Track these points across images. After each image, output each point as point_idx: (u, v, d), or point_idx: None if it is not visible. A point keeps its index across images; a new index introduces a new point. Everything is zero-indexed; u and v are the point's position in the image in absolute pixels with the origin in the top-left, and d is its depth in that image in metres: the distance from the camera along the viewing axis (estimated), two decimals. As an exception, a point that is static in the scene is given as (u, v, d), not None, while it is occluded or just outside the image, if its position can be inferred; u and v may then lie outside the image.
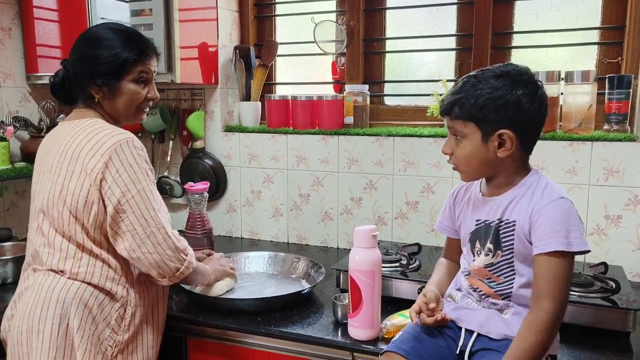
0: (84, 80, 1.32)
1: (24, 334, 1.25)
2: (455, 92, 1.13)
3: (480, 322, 1.18)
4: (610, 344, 1.30)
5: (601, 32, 1.87)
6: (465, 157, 1.15)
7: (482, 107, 1.09)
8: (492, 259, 1.16)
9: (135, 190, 1.23)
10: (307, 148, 2.11)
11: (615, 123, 1.74)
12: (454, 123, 1.14)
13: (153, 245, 1.25)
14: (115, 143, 1.23)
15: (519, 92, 1.09)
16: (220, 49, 2.21)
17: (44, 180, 1.30)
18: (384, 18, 2.16)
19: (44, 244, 1.29)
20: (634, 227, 1.71)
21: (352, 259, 1.31)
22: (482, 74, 1.12)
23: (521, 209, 1.12)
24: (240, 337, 1.46)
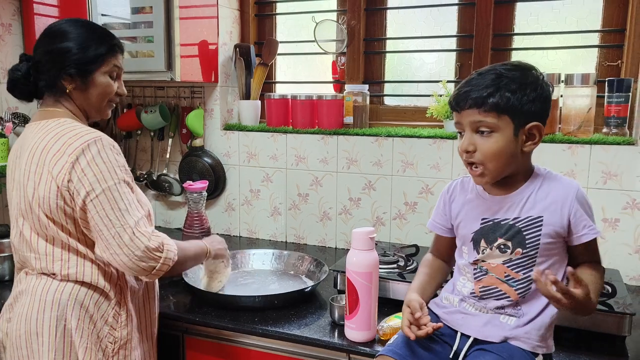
0: (56, 70, 1.27)
1: (23, 337, 1.25)
2: (486, 85, 1.08)
3: (479, 328, 1.17)
4: (606, 348, 1.30)
5: (601, 34, 1.87)
6: (496, 152, 1.09)
7: (520, 100, 1.07)
8: (511, 256, 1.15)
9: (100, 190, 1.19)
10: (306, 147, 2.11)
11: (614, 126, 1.74)
12: (485, 116, 1.08)
13: (119, 247, 1.19)
14: (82, 143, 1.20)
15: (542, 83, 1.11)
16: (221, 47, 2.20)
17: (17, 185, 1.27)
18: (384, 18, 2.16)
19: (29, 250, 1.27)
20: (631, 231, 1.71)
21: (349, 261, 1.31)
22: (504, 68, 1.11)
23: (545, 202, 1.13)
24: (237, 337, 1.46)
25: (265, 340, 1.43)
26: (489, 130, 1.09)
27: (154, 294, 1.43)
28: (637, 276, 1.72)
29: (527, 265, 1.15)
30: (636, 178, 1.68)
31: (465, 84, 1.12)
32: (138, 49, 1.98)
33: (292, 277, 1.77)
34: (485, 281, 1.19)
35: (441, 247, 1.32)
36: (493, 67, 1.13)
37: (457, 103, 1.12)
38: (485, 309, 1.18)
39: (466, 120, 1.11)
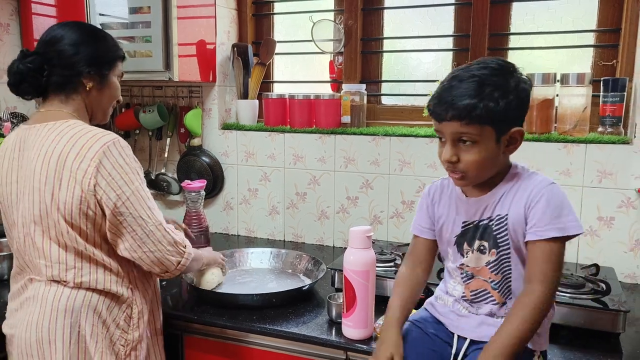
0: (79, 66, 1.27)
1: (34, 345, 1.23)
2: (468, 94, 1.04)
3: (473, 329, 1.18)
4: (601, 345, 1.32)
5: (597, 34, 1.89)
6: (479, 162, 1.08)
7: (503, 109, 1.04)
8: (489, 257, 1.15)
9: (130, 192, 1.22)
10: (304, 147, 2.12)
11: (610, 125, 1.76)
12: (468, 128, 1.05)
13: (153, 244, 1.25)
14: (102, 146, 1.20)
15: (522, 85, 1.08)
16: (218, 47, 2.21)
17: (25, 190, 1.24)
18: (381, 18, 2.17)
19: (38, 256, 1.25)
20: (626, 229, 1.73)
21: (346, 260, 1.33)
22: (484, 72, 1.06)
23: (513, 201, 1.11)
24: (236, 335, 1.47)
25: (263, 338, 1.44)
26: (472, 141, 1.07)
27: (159, 293, 1.44)
28: (631, 274, 1.74)
29: (503, 266, 1.14)
30: (631, 176, 1.70)
31: (445, 92, 1.08)
32: (136, 48, 1.99)
33: (290, 276, 1.78)
34: (473, 285, 1.19)
35: (422, 253, 1.27)
36: (472, 71, 1.07)
37: (437, 114, 1.08)
38: (477, 313, 1.18)
39: (447, 130, 1.08)
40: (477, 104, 1.03)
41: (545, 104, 1.81)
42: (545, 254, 1.07)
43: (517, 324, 1.05)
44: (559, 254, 1.08)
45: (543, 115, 1.81)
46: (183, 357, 1.55)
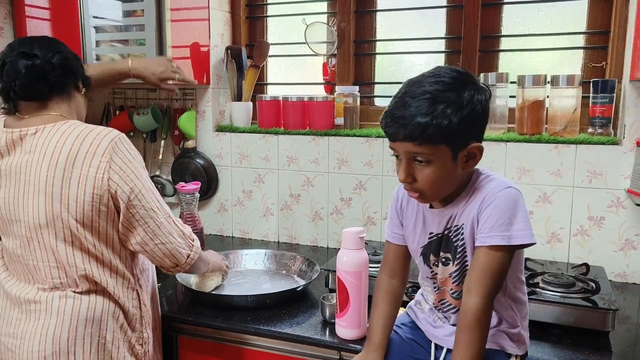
0: (76, 69, 1.33)
1: (50, 358, 1.21)
2: (420, 113, 0.99)
3: (447, 337, 1.18)
4: (590, 343, 1.33)
5: (586, 36, 1.91)
6: (434, 181, 1.04)
7: (457, 126, 0.99)
8: (452, 268, 1.14)
9: (141, 185, 1.24)
10: (298, 148, 2.13)
11: (599, 126, 1.78)
12: (421, 148, 1.01)
13: (165, 235, 1.27)
14: (110, 142, 1.22)
15: (478, 97, 1.03)
16: (212, 49, 2.22)
17: (29, 194, 1.22)
18: (374, 20, 2.19)
19: (47, 259, 1.24)
20: (616, 229, 1.75)
21: (339, 260, 1.34)
22: (437, 88, 1.00)
23: (469, 210, 1.09)
24: (231, 336, 1.49)
25: (258, 339, 1.46)
26: (426, 160, 1.03)
27: (156, 292, 1.47)
28: (621, 273, 1.76)
29: (463, 277, 1.12)
30: (620, 177, 1.72)
31: (396, 109, 1.02)
32: (130, 51, 2.00)
33: (284, 277, 1.80)
34: (440, 295, 1.19)
35: (396, 263, 1.25)
36: (424, 86, 1.01)
37: (390, 134, 1.04)
38: (450, 322, 1.18)
39: (401, 150, 1.04)
40: (429, 122, 0.99)
41: (536, 105, 1.83)
42: (486, 262, 1.04)
43: (466, 351, 1.04)
44: (502, 263, 1.04)
45: (534, 117, 1.83)
46: (177, 358, 1.56)
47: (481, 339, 1.04)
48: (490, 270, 1.04)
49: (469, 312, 1.04)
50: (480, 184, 1.10)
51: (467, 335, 1.04)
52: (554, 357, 1.28)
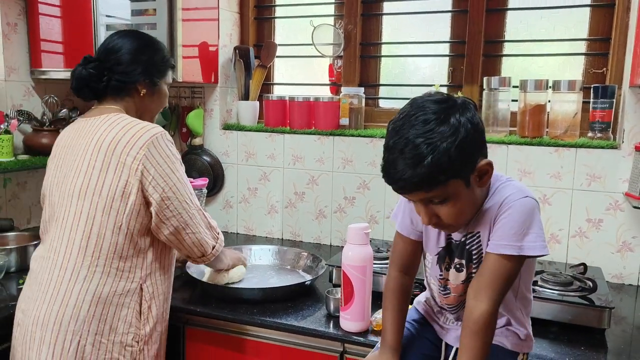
0: (134, 74, 1.40)
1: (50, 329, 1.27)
2: (421, 163, 0.95)
3: (455, 339, 1.20)
4: (587, 340, 1.38)
5: (588, 43, 1.95)
6: (457, 213, 1.03)
7: (458, 157, 0.96)
8: (466, 274, 1.14)
9: (176, 179, 1.33)
10: (303, 147, 2.17)
11: (599, 131, 1.82)
12: (431, 193, 0.99)
13: (195, 226, 1.37)
14: (151, 137, 1.31)
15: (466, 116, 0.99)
16: (221, 49, 2.27)
17: (71, 174, 1.33)
18: (380, 23, 2.23)
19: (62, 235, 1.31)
20: (613, 231, 1.79)
21: (345, 255, 1.38)
22: (428, 127, 0.96)
23: (486, 218, 1.08)
24: (237, 328, 1.52)
25: (263, 331, 1.50)
26: (442, 200, 1.02)
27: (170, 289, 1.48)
28: (618, 274, 1.80)
29: None
30: (619, 180, 1.76)
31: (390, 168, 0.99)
32: None
33: (290, 272, 1.84)
34: (450, 299, 1.19)
35: (410, 258, 1.22)
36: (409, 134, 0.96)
37: (396, 189, 1.01)
38: (459, 321, 1.20)
39: (415, 198, 1.03)
40: (431, 169, 0.95)
41: (538, 109, 1.87)
42: (496, 269, 1.04)
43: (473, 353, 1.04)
44: (511, 271, 1.05)
45: (535, 120, 1.88)
46: (184, 349, 1.60)
47: (488, 343, 1.06)
48: (500, 277, 1.04)
49: (478, 318, 1.04)
50: (497, 188, 1.09)
51: (475, 341, 1.04)
52: (552, 353, 1.32)
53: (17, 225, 2.12)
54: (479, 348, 1.04)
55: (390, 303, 1.21)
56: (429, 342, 1.25)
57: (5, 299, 1.55)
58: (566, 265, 1.81)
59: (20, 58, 2.16)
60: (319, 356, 1.44)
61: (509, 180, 1.11)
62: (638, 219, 1.76)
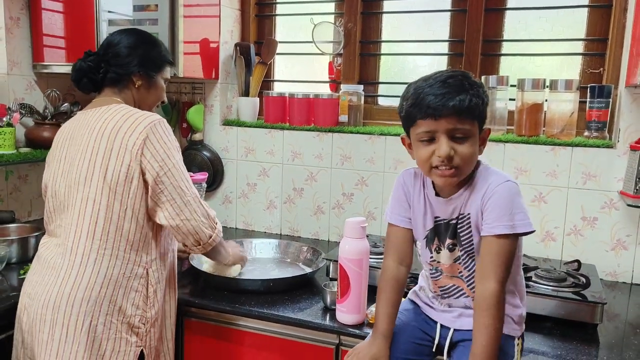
0: (131, 66, 1.45)
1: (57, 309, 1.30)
2: (459, 91, 1.08)
3: (454, 319, 1.24)
4: (579, 335, 1.40)
5: (585, 43, 1.97)
6: (470, 156, 1.11)
7: (483, 106, 1.11)
8: (459, 254, 1.20)
9: (172, 164, 1.36)
10: (302, 144, 2.19)
11: (595, 130, 1.84)
12: (463, 123, 1.09)
13: (190, 213, 1.37)
14: (150, 123, 1.35)
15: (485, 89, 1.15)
16: (222, 46, 2.28)
17: (75, 162, 1.36)
18: (380, 22, 2.25)
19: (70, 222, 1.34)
20: (608, 229, 1.81)
21: (342, 248, 1.40)
22: (459, 73, 1.12)
23: (473, 200, 1.16)
24: (235, 319, 1.54)
25: (261, 323, 1.52)
26: (465, 136, 1.10)
27: (175, 273, 1.52)
28: (612, 272, 1.82)
29: (468, 263, 1.20)
30: (614, 179, 1.78)
31: (434, 90, 1.09)
32: None
33: (290, 265, 1.87)
34: (441, 282, 1.24)
35: (404, 247, 1.27)
36: (449, 72, 1.11)
37: (435, 109, 1.08)
38: (453, 306, 1.25)
39: (442, 127, 1.09)
40: (470, 98, 1.08)
41: (535, 108, 1.89)
42: (496, 249, 1.11)
43: (487, 333, 1.09)
44: (509, 250, 1.12)
45: (532, 119, 1.90)
46: (183, 340, 1.62)
47: (501, 319, 1.11)
48: (500, 257, 1.11)
49: (488, 296, 1.10)
50: (481, 174, 1.17)
51: (488, 318, 1.09)
52: (545, 347, 1.34)
53: (19, 218, 2.14)
54: (493, 326, 1.09)
55: (385, 292, 1.25)
56: (420, 331, 1.28)
57: (6, 290, 1.57)
58: (561, 263, 1.83)
59: (23, 52, 2.17)
60: (315, 348, 1.46)
61: (489, 168, 1.19)
62: (632, 218, 1.78)
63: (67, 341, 1.29)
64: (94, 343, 1.30)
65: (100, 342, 1.31)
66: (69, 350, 1.29)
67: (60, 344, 1.29)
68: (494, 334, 1.10)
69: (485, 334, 1.10)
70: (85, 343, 1.29)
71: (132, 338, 1.36)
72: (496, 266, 1.11)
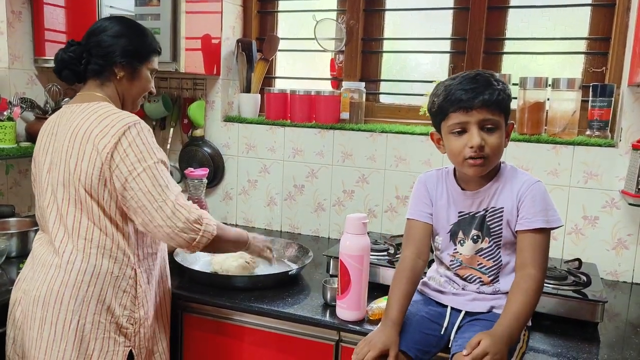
0: (113, 56, 1.39)
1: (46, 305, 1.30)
2: (490, 85, 1.18)
3: (467, 302, 1.28)
4: (580, 334, 1.39)
5: (588, 42, 1.97)
6: (499, 146, 1.20)
7: (508, 101, 1.22)
8: (481, 245, 1.26)
9: (142, 169, 1.28)
10: (304, 141, 2.19)
11: (597, 129, 1.84)
12: (493, 115, 1.18)
13: (162, 219, 1.29)
14: (124, 125, 1.29)
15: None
16: (224, 42, 2.28)
17: (56, 161, 1.34)
18: (382, 19, 2.25)
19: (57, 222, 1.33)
20: (609, 228, 1.81)
21: (342, 244, 1.40)
22: (490, 73, 1.22)
23: (506, 196, 1.24)
24: (234, 315, 1.54)
25: (260, 319, 1.51)
26: (494, 127, 1.19)
27: (167, 272, 1.51)
28: (613, 271, 1.82)
29: (494, 253, 1.26)
30: (615, 178, 1.78)
31: (465, 84, 1.18)
32: None
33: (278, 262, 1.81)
34: (460, 271, 1.30)
35: (423, 241, 1.32)
36: (477, 71, 1.22)
37: (467, 102, 1.17)
38: (467, 290, 1.29)
39: (474, 118, 1.18)
40: (500, 90, 1.18)
41: (537, 106, 1.89)
42: (535, 242, 1.20)
43: (522, 307, 1.15)
44: (546, 242, 1.22)
45: (534, 118, 1.89)
46: (182, 336, 1.62)
47: (532, 304, 1.17)
48: (538, 248, 1.20)
49: (529, 279, 1.17)
50: (509, 173, 1.27)
51: (522, 296, 1.16)
52: (545, 346, 1.33)
53: (18, 212, 2.13)
54: (525, 303, 1.15)
55: (399, 282, 1.28)
56: (429, 321, 1.29)
57: (5, 283, 1.57)
58: (562, 262, 1.82)
59: (24, 46, 2.17)
60: (315, 344, 1.46)
61: (516, 168, 1.29)
62: (634, 217, 1.77)
63: (55, 339, 1.29)
64: (82, 342, 1.29)
65: (88, 342, 1.30)
66: (57, 348, 1.28)
67: (48, 342, 1.29)
68: (526, 310, 1.15)
69: (514, 307, 1.15)
70: (73, 342, 1.29)
71: (120, 338, 1.34)
72: (537, 257, 1.19)
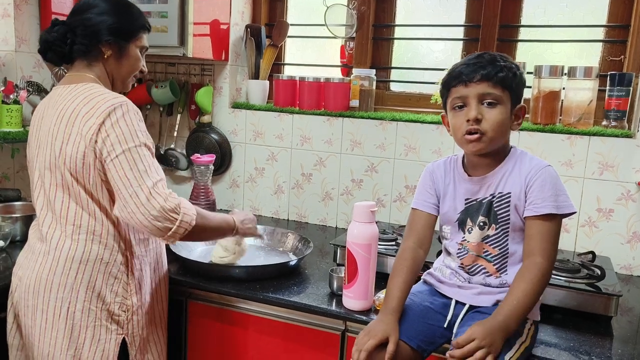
0: (98, 35, 1.33)
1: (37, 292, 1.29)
2: (491, 62, 1.17)
3: (472, 296, 1.24)
4: (592, 327, 1.36)
5: (606, 30, 1.91)
6: (498, 122, 1.17)
7: (518, 80, 1.19)
8: (488, 232, 1.23)
9: (120, 150, 1.23)
10: (312, 128, 2.15)
11: (614, 119, 1.79)
12: (494, 88, 1.16)
13: (136, 206, 1.21)
14: (109, 107, 1.25)
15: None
16: (232, 27, 2.24)
17: (43, 145, 1.31)
18: (394, 5, 2.20)
19: (46, 208, 1.32)
20: (624, 221, 1.76)
21: (350, 233, 1.37)
22: (500, 54, 1.21)
23: (514, 180, 1.20)
24: (239, 303, 1.52)
25: (266, 307, 1.49)
26: (495, 102, 1.16)
27: (163, 258, 1.48)
28: (627, 265, 1.77)
29: (501, 241, 1.23)
30: (632, 170, 1.73)
31: (470, 60, 1.19)
32: (152, 23, 1.95)
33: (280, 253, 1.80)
34: (466, 260, 1.26)
35: (424, 231, 1.31)
36: (487, 52, 1.21)
37: (466, 75, 1.17)
38: (472, 283, 1.26)
39: (473, 92, 1.17)
40: (503, 67, 1.16)
41: (552, 95, 1.84)
42: (543, 230, 1.16)
43: (522, 295, 1.12)
44: (556, 230, 1.17)
45: (548, 107, 1.85)
46: (187, 323, 1.60)
47: (536, 292, 1.13)
48: (548, 235, 1.16)
49: (534, 268, 1.13)
50: (518, 157, 1.23)
51: (526, 284, 1.12)
52: (557, 339, 1.30)
53: (24, 196, 2.12)
54: (527, 292, 1.12)
55: (399, 270, 1.26)
56: (433, 312, 1.26)
57: (9, 267, 1.55)
58: (574, 255, 1.78)
59: (31, 29, 2.15)
60: (321, 334, 1.43)
61: (525, 153, 1.25)
62: (650, 210, 1.73)
63: (47, 328, 1.28)
64: (73, 330, 1.28)
65: (79, 330, 1.28)
66: (49, 336, 1.27)
67: (41, 330, 1.28)
68: (528, 300, 1.11)
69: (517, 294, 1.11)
70: (64, 330, 1.27)
71: (112, 326, 1.32)
72: (545, 245, 1.15)
